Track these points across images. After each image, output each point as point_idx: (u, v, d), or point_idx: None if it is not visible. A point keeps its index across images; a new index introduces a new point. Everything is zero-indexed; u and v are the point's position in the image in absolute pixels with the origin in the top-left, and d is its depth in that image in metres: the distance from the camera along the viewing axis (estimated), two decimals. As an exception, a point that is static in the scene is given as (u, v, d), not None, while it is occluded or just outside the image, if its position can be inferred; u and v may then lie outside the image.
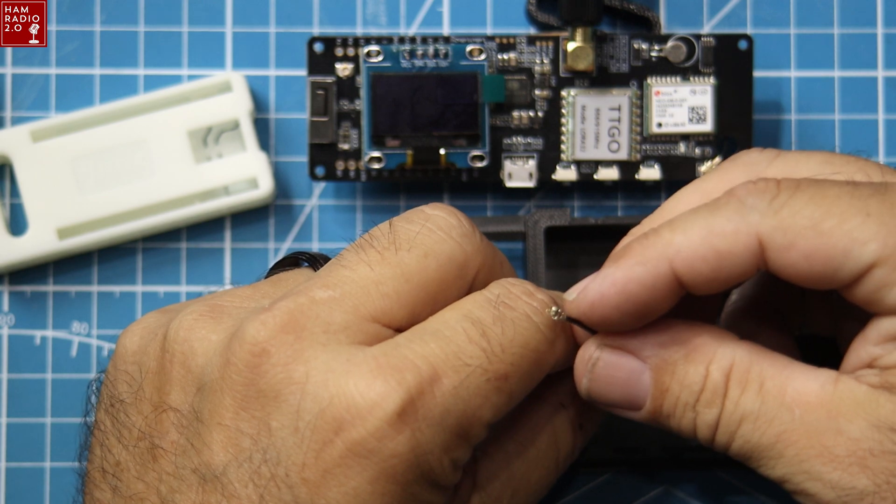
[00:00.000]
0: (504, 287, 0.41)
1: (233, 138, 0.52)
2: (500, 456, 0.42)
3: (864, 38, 0.53)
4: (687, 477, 0.52)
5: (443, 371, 0.38)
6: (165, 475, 0.40)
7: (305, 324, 0.39)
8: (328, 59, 0.51)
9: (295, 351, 0.38)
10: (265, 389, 0.38)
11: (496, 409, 0.39)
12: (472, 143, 0.50)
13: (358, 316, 0.39)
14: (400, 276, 0.40)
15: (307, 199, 0.53)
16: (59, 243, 0.52)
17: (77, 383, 0.52)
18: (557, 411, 0.43)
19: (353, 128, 0.51)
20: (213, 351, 0.40)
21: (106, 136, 0.52)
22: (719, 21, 0.53)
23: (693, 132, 0.51)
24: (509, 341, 0.39)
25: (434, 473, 0.38)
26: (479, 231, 0.42)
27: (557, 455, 0.42)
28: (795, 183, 0.38)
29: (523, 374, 0.39)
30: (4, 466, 0.52)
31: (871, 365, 0.38)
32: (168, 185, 0.52)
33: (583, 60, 0.51)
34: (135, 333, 0.43)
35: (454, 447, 0.38)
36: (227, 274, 0.53)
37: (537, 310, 0.40)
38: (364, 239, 0.41)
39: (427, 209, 0.42)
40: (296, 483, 0.37)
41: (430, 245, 0.40)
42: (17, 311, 0.53)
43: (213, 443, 0.39)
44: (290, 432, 0.38)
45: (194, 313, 0.41)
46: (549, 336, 0.40)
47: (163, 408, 0.40)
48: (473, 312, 0.40)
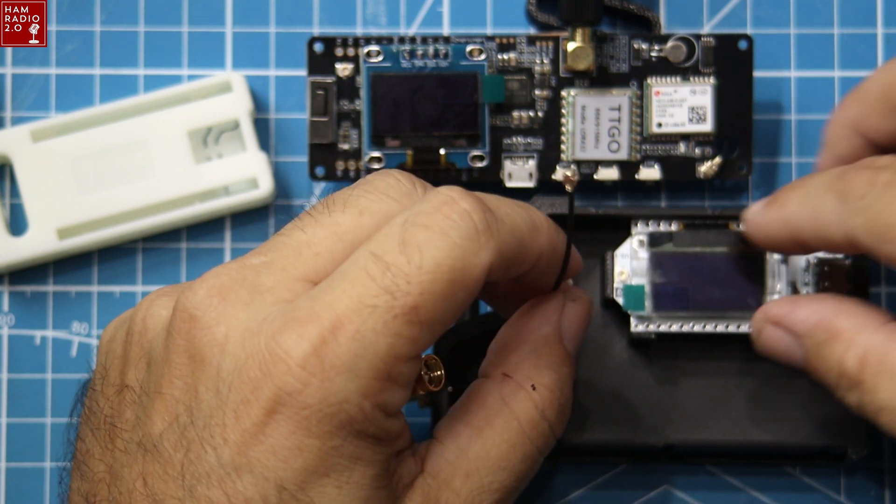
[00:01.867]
0: (423, 202, 0.39)
1: (233, 138, 0.52)
2: (448, 438, 0.41)
3: (864, 38, 0.53)
4: (687, 477, 0.52)
5: (346, 317, 0.37)
6: (119, 452, 0.40)
7: (232, 287, 0.39)
8: (328, 59, 0.51)
9: (219, 313, 0.39)
10: (194, 354, 0.39)
11: (412, 342, 0.38)
12: (472, 143, 0.50)
13: (287, 276, 0.39)
14: (332, 235, 0.40)
15: (307, 200, 0.53)
16: (59, 243, 0.52)
17: (77, 383, 0.52)
18: (503, 381, 0.42)
19: (353, 128, 0.51)
20: (161, 325, 0.40)
21: (106, 136, 0.52)
22: (719, 21, 0.53)
23: (693, 132, 0.51)
24: (416, 269, 0.38)
25: (356, 422, 0.38)
26: (431, 187, 0.41)
27: (519, 425, 0.41)
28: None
29: (437, 299, 0.38)
30: (4, 466, 0.52)
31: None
32: (168, 185, 0.52)
33: (583, 60, 0.51)
34: (109, 326, 0.44)
35: (376, 391, 0.38)
36: (227, 274, 0.53)
37: (456, 222, 0.38)
38: (304, 210, 0.41)
39: (371, 175, 0.42)
40: (219, 444, 0.38)
41: (366, 204, 0.40)
42: (17, 311, 0.53)
43: (153, 413, 0.39)
44: (213, 394, 0.38)
45: (154, 294, 0.42)
46: (469, 247, 0.38)
47: (122, 388, 0.41)
48: (378, 245, 0.38)
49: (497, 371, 0.42)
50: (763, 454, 0.51)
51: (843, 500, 0.52)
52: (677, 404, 0.50)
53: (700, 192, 0.53)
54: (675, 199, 0.53)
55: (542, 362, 0.42)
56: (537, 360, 0.42)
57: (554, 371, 0.42)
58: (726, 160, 0.52)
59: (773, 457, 0.51)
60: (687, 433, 0.50)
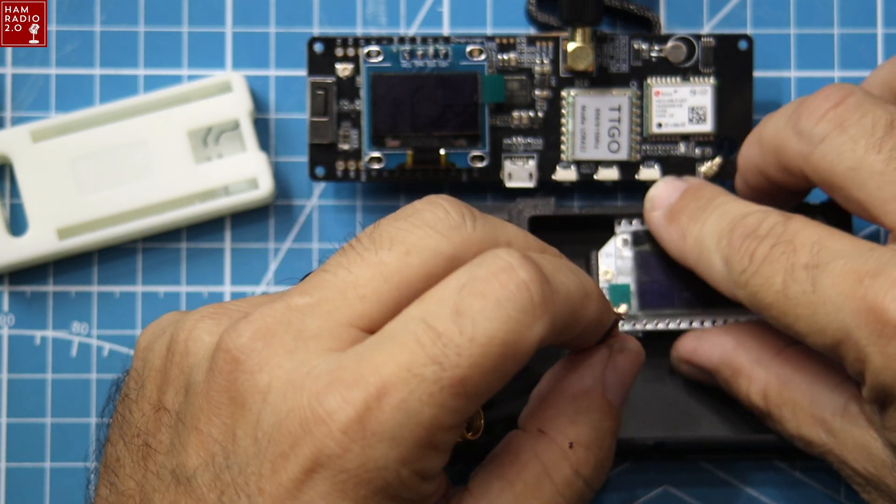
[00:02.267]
0: (480, 266, 0.38)
1: (233, 138, 0.52)
2: (480, 491, 0.40)
3: (864, 38, 0.53)
4: (687, 476, 0.52)
5: (391, 384, 0.37)
6: (150, 474, 0.40)
7: (277, 330, 0.38)
8: (328, 59, 0.51)
9: (262, 359, 0.38)
10: (235, 397, 0.38)
11: (457, 413, 0.37)
12: (472, 143, 0.50)
13: (332, 321, 0.38)
14: (378, 276, 0.39)
15: (307, 200, 0.53)
16: (59, 243, 0.52)
17: (77, 383, 0.52)
18: (538, 438, 0.41)
19: (353, 128, 0.51)
20: (202, 354, 0.40)
21: (106, 137, 0.52)
22: (719, 21, 0.53)
23: (693, 132, 0.51)
24: (468, 341, 0.37)
25: (393, 488, 0.37)
26: (481, 217, 0.40)
27: (553, 485, 0.41)
28: None
29: (486, 372, 0.37)
30: (4, 466, 0.52)
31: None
32: (168, 185, 0.52)
33: (583, 61, 0.51)
34: (147, 331, 0.43)
35: (415, 459, 0.37)
36: (227, 274, 0.53)
37: (513, 293, 0.37)
38: (348, 242, 0.40)
39: (417, 203, 0.41)
40: (253, 492, 0.37)
41: (413, 241, 0.39)
42: (17, 312, 0.53)
43: (189, 445, 0.39)
44: (251, 441, 0.38)
45: (199, 314, 0.41)
46: (524, 321, 0.37)
47: (159, 407, 0.41)
48: (431, 310, 0.37)
49: (533, 425, 0.41)
50: (753, 449, 0.51)
51: (843, 499, 0.52)
52: (666, 402, 0.50)
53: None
54: (675, 199, 0.53)
55: (581, 418, 0.41)
56: (575, 415, 0.41)
57: (593, 428, 0.41)
58: (726, 160, 0.52)
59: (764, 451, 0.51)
60: (676, 430, 0.50)
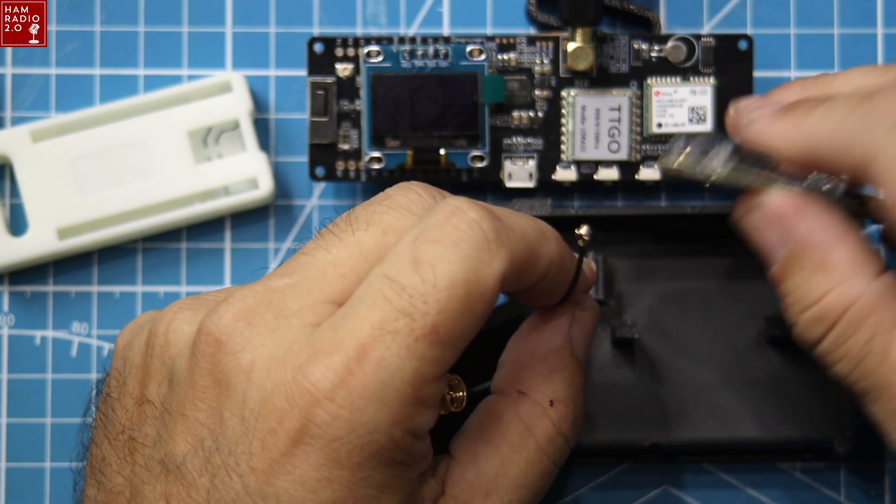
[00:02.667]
0: (431, 216, 0.39)
1: (233, 138, 0.52)
2: (466, 457, 0.41)
3: (864, 38, 0.53)
4: (687, 477, 0.52)
5: (369, 345, 0.37)
6: (138, 467, 0.40)
7: (258, 310, 0.39)
8: (328, 59, 0.51)
9: (244, 338, 0.38)
10: (219, 378, 0.38)
11: (437, 363, 0.37)
12: (472, 143, 0.50)
13: (313, 299, 0.39)
14: (357, 255, 0.39)
15: (307, 200, 0.53)
16: (59, 243, 0.52)
17: (77, 383, 0.52)
18: (519, 399, 0.42)
19: (353, 128, 0.51)
20: (184, 343, 0.40)
21: (106, 137, 0.52)
22: (719, 21, 0.53)
23: (693, 132, 0.51)
24: (431, 287, 0.37)
25: (387, 450, 0.37)
26: (452, 195, 0.41)
27: (537, 443, 0.42)
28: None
29: (456, 315, 0.37)
30: (4, 466, 0.52)
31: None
32: (168, 185, 0.52)
33: (583, 61, 0.51)
34: (125, 330, 0.43)
35: (405, 417, 0.37)
36: (227, 274, 0.53)
37: (465, 232, 0.38)
38: (326, 227, 0.41)
39: (390, 189, 0.41)
40: (245, 472, 0.38)
41: (389, 222, 0.40)
42: (17, 312, 0.53)
43: (176, 433, 0.39)
44: (238, 421, 0.38)
45: (176, 306, 0.41)
46: (481, 257, 0.38)
47: (142, 401, 0.41)
48: (391, 266, 0.38)
49: (512, 388, 0.42)
50: (749, 450, 0.51)
51: (843, 499, 0.52)
52: (662, 403, 0.50)
53: (700, 192, 0.53)
54: (675, 199, 0.53)
55: (556, 376, 0.42)
56: (551, 374, 0.42)
57: (568, 385, 0.42)
58: (726, 160, 0.52)
59: (759, 452, 0.51)
60: (672, 432, 0.50)
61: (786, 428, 0.50)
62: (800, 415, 0.51)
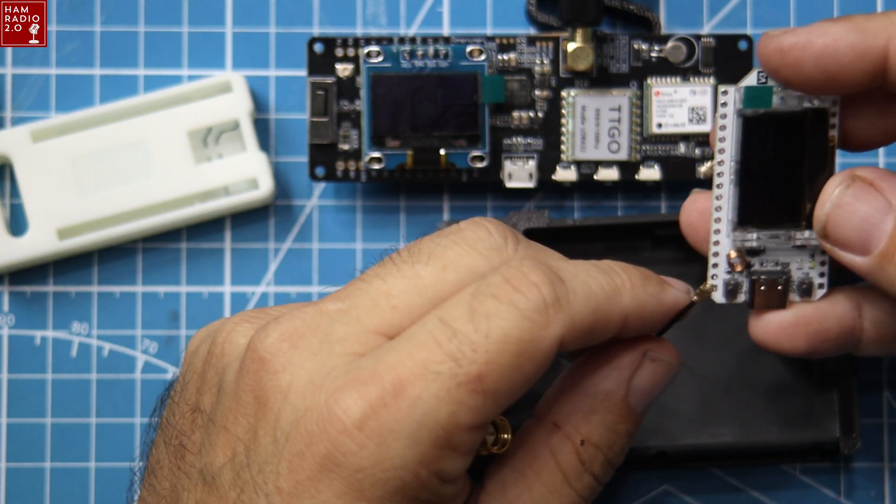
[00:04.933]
0: (494, 273, 0.39)
1: (233, 138, 0.52)
2: (495, 486, 0.41)
3: (865, 39, 0.53)
4: (687, 477, 0.52)
5: (408, 381, 0.37)
6: (181, 474, 0.40)
7: (304, 333, 0.39)
8: (328, 59, 0.51)
9: (287, 359, 0.38)
10: (259, 396, 0.38)
11: (475, 413, 0.37)
12: (472, 143, 0.50)
13: (360, 327, 0.39)
14: (412, 289, 0.39)
15: (307, 200, 0.53)
16: (59, 243, 0.52)
17: (77, 384, 0.52)
18: (552, 432, 0.41)
19: (353, 128, 0.51)
20: (235, 355, 0.40)
21: (106, 137, 0.52)
22: (719, 21, 0.53)
23: (693, 132, 0.51)
24: (483, 338, 0.37)
25: (410, 488, 0.37)
26: (524, 241, 0.41)
27: (564, 477, 0.41)
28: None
29: (503, 370, 0.37)
30: (4, 466, 0.52)
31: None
32: (168, 185, 0.52)
33: (583, 61, 0.51)
34: (196, 336, 0.43)
35: (434, 459, 0.37)
36: (227, 274, 0.53)
37: (524, 294, 0.38)
38: (388, 255, 0.40)
39: (462, 223, 0.41)
40: (271, 491, 0.38)
41: (451, 258, 0.39)
42: (17, 312, 0.53)
43: (217, 445, 0.39)
44: (271, 440, 0.38)
45: (239, 317, 0.42)
46: (538, 320, 0.38)
47: (196, 408, 0.41)
48: (447, 312, 0.38)
49: (549, 418, 0.41)
50: (755, 454, 0.51)
51: (843, 500, 0.52)
52: (667, 410, 0.50)
53: (700, 192, 0.53)
54: (675, 199, 0.53)
55: (596, 418, 0.41)
56: (591, 414, 0.41)
57: (608, 429, 0.41)
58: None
59: (766, 456, 0.51)
60: (678, 438, 0.50)
61: (791, 430, 0.50)
62: (805, 417, 0.51)
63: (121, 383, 0.52)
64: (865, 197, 0.41)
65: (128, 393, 0.52)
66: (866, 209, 0.40)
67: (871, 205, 0.40)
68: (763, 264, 0.44)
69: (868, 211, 0.40)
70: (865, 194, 0.41)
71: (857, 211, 0.41)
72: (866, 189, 0.41)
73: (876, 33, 0.40)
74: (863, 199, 0.41)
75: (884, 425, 0.52)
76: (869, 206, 0.40)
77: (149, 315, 0.53)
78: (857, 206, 0.41)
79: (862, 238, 0.40)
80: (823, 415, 0.50)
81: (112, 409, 0.52)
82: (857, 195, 0.41)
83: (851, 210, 0.41)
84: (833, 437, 0.50)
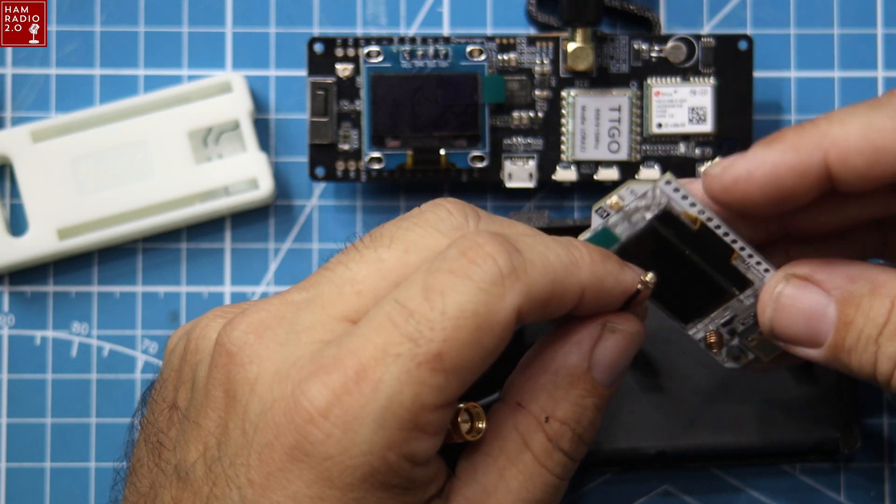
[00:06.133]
0: (450, 248, 0.38)
1: (233, 139, 0.52)
2: (466, 472, 0.40)
3: (864, 39, 0.53)
4: (687, 477, 0.52)
5: (369, 366, 0.37)
6: (158, 470, 0.40)
7: (270, 324, 0.39)
8: (328, 59, 0.51)
9: (253, 351, 0.38)
10: (228, 389, 0.39)
11: (439, 391, 0.37)
12: (472, 143, 0.50)
13: (326, 315, 0.38)
14: (376, 272, 0.39)
15: (307, 200, 0.53)
16: (59, 243, 0.52)
17: (77, 384, 0.52)
18: (517, 411, 0.41)
19: (353, 128, 0.51)
20: (207, 351, 0.40)
21: (106, 137, 0.52)
22: (719, 21, 0.53)
23: (693, 132, 0.51)
24: (440, 315, 0.37)
25: (380, 473, 0.37)
26: (486, 217, 0.40)
27: (533, 456, 0.40)
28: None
29: (462, 346, 0.37)
30: (4, 466, 0.52)
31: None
32: (168, 185, 0.52)
33: (583, 61, 0.51)
34: (174, 334, 0.43)
35: (401, 442, 0.37)
36: (227, 274, 0.53)
37: (479, 266, 0.37)
38: (351, 242, 0.40)
39: (425, 206, 0.41)
40: (243, 483, 0.38)
41: (413, 240, 0.39)
42: (17, 312, 0.53)
43: (190, 441, 0.39)
44: (240, 433, 0.38)
45: (212, 313, 0.42)
46: (494, 291, 0.37)
47: (173, 405, 0.41)
48: (403, 292, 0.37)
49: (513, 398, 0.41)
50: (755, 454, 0.51)
51: (843, 499, 0.52)
52: (666, 410, 0.50)
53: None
54: (675, 199, 0.53)
55: (561, 394, 0.41)
56: (555, 390, 0.41)
57: (573, 404, 0.41)
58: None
59: (766, 456, 0.51)
60: (678, 439, 0.50)
61: (791, 430, 0.50)
62: (804, 417, 0.51)
63: (121, 383, 0.52)
64: (803, 294, 0.41)
65: (128, 393, 0.52)
66: (807, 305, 0.41)
67: (810, 300, 0.41)
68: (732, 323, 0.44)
69: (809, 306, 0.41)
70: (803, 291, 0.41)
71: (799, 309, 0.41)
72: (803, 285, 0.41)
73: (810, 150, 0.39)
74: (801, 296, 0.41)
75: (884, 425, 0.52)
76: (809, 301, 0.41)
77: (149, 315, 0.53)
78: (798, 305, 0.41)
79: (810, 334, 0.41)
80: (823, 415, 0.51)
81: (112, 409, 0.52)
82: (796, 294, 0.41)
83: (793, 310, 0.41)
84: (833, 437, 0.50)
